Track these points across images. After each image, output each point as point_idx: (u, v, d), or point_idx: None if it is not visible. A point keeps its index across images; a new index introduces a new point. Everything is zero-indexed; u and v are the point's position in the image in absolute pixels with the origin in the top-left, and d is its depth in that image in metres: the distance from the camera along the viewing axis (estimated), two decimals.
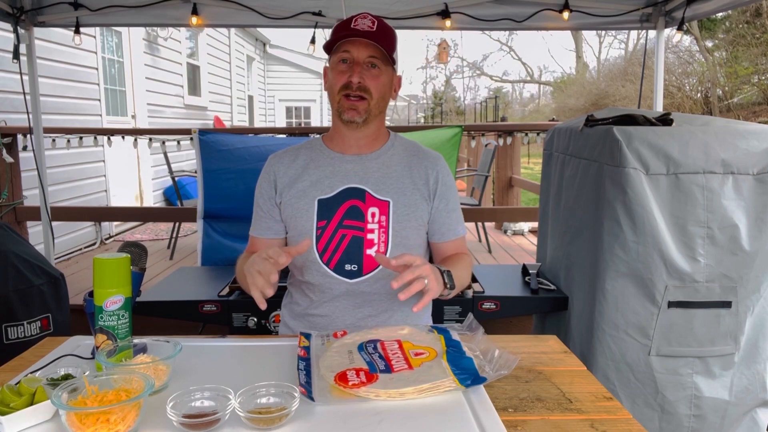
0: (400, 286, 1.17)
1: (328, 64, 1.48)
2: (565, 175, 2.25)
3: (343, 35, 1.40)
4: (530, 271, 2.34)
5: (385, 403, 1.00)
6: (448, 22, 3.32)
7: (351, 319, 1.46)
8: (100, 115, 5.63)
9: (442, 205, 1.51)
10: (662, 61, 3.48)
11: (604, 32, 23.23)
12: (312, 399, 0.99)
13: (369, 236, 1.45)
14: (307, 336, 1.27)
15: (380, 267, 1.45)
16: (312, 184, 1.48)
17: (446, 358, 1.11)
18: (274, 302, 1.95)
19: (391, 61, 1.42)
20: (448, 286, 1.30)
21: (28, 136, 3.78)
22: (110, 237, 5.50)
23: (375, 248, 1.45)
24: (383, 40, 1.39)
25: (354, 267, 1.45)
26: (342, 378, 1.04)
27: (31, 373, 1.11)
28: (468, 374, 1.06)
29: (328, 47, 1.44)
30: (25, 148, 4.23)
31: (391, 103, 1.57)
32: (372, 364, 1.09)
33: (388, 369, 1.08)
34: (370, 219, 1.45)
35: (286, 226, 1.52)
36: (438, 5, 3.31)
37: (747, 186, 1.81)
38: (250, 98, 12.28)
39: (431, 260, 1.58)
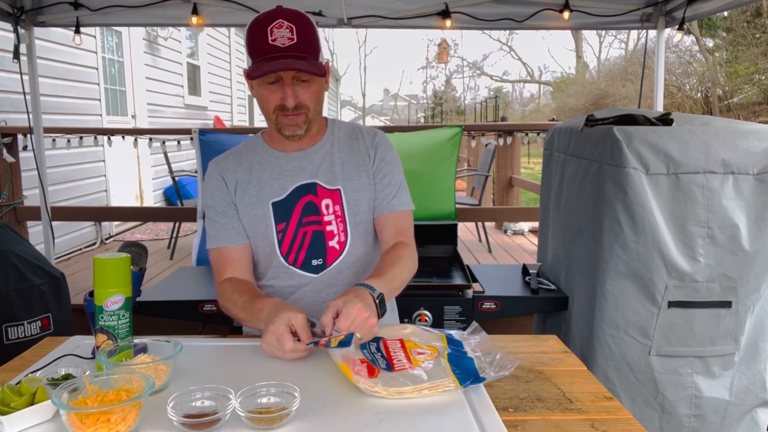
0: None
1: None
2: (566, 175, 2.25)
3: (263, 56, 1.31)
4: (530, 271, 2.34)
5: (385, 403, 1.00)
6: (448, 22, 3.32)
7: (316, 304, 1.44)
8: (100, 115, 5.63)
9: (379, 179, 1.49)
10: (662, 61, 3.48)
11: (604, 32, 23.27)
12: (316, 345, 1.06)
13: (328, 228, 1.44)
14: (313, 324, 1.26)
15: (342, 256, 1.44)
16: (263, 188, 1.45)
17: (447, 358, 1.12)
18: None
19: (320, 68, 1.33)
20: (380, 312, 1.26)
21: (28, 135, 3.78)
22: (110, 237, 5.50)
23: (336, 239, 1.44)
24: (307, 49, 1.32)
25: (320, 261, 1.44)
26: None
27: (32, 372, 1.11)
28: (468, 374, 1.06)
29: (251, 75, 1.32)
30: (25, 148, 4.23)
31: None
32: (374, 362, 1.10)
33: (389, 368, 1.08)
34: (325, 211, 1.44)
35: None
36: (438, 5, 3.31)
37: (747, 186, 1.81)
38: (251, 98, 12.27)
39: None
